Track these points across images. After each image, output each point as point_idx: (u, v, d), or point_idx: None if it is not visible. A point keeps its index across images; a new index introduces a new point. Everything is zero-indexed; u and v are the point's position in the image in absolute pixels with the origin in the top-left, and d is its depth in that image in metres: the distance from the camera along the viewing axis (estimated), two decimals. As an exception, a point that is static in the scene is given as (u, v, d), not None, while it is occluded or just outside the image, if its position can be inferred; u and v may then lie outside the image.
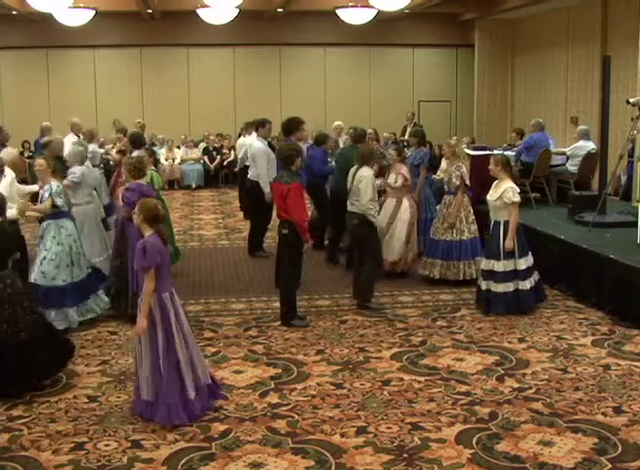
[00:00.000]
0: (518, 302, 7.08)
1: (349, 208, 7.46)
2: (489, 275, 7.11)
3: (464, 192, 8.01)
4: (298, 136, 8.91)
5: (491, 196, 7.14)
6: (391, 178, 8.37)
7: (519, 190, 7.09)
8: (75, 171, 7.65)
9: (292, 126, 8.87)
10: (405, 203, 8.35)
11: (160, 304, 4.77)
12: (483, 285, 7.19)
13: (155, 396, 4.78)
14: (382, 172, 8.65)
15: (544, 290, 7.47)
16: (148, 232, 4.83)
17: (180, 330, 4.84)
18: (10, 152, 8.36)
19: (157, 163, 8.21)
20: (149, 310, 4.72)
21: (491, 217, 7.24)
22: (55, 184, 6.76)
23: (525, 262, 7.11)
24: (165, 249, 4.84)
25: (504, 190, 6.98)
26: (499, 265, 7.03)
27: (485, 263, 7.16)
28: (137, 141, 9.08)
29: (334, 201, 8.97)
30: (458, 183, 7.97)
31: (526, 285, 7.10)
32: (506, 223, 7.02)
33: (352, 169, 7.51)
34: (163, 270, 4.80)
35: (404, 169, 8.33)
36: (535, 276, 7.25)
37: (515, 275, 7.05)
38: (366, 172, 7.30)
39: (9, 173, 7.15)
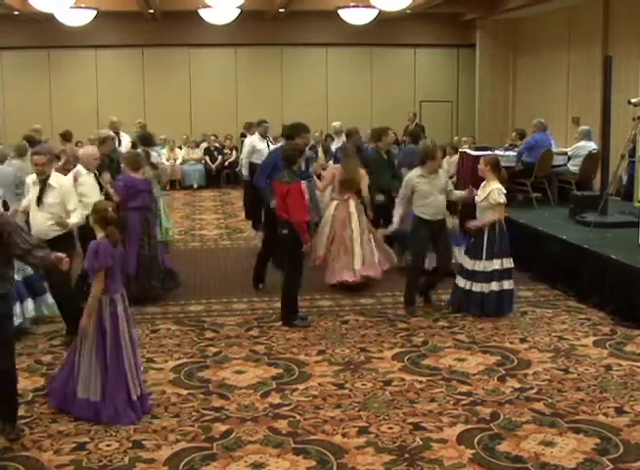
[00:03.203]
0: (494, 303, 7.01)
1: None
2: (471, 275, 7.08)
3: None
4: (300, 142, 8.87)
5: (478, 197, 7.16)
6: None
7: (505, 191, 7.06)
8: None
9: (292, 132, 8.75)
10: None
11: (111, 304, 4.85)
12: (461, 283, 7.15)
13: (101, 395, 4.81)
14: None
15: (512, 301, 7.22)
16: (100, 234, 4.89)
17: (128, 332, 4.91)
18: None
19: (153, 166, 8.27)
20: (96, 310, 4.77)
21: (478, 218, 7.22)
22: None
23: (505, 263, 7.03)
24: (116, 251, 4.90)
25: (490, 191, 7.00)
26: (479, 265, 7.01)
27: (470, 263, 7.09)
28: (147, 142, 9.57)
29: None
30: None
31: (504, 286, 7.02)
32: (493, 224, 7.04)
33: None
34: (115, 272, 4.89)
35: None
36: (510, 284, 7.09)
37: (492, 276, 6.99)
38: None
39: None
